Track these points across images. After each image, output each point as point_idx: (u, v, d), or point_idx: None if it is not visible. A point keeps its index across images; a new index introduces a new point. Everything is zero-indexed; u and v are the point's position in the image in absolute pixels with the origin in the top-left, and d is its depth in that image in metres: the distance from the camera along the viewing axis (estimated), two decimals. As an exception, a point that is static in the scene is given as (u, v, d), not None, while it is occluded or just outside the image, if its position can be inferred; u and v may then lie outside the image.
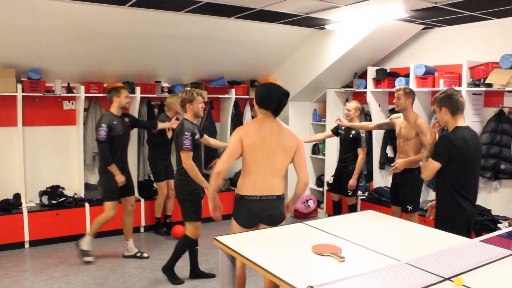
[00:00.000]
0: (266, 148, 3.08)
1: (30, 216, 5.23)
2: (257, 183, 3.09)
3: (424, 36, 5.69)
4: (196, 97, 4.08)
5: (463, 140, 3.17)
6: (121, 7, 4.54)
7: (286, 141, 3.13)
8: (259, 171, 3.09)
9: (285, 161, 3.15)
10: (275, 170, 3.12)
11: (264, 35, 5.72)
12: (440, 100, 3.30)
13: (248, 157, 3.09)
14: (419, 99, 5.44)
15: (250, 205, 3.10)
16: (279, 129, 3.14)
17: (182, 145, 3.94)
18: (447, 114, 3.27)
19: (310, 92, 6.54)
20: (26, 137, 5.56)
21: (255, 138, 3.08)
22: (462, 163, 3.20)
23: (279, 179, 3.15)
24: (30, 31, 4.68)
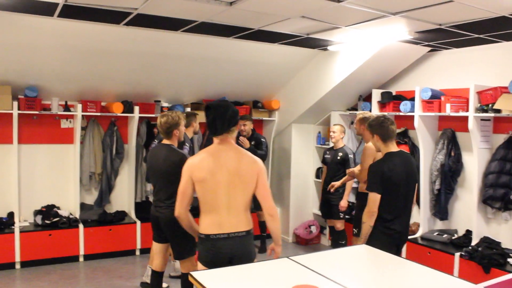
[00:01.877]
0: (224, 182, 2.73)
1: (22, 236, 5.13)
2: (221, 221, 2.76)
3: (431, 59, 5.49)
4: (181, 120, 3.84)
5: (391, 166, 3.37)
6: (116, 26, 4.47)
7: (245, 171, 2.78)
8: (220, 208, 2.76)
9: (247, 193, 2.81)
10: (239, 204, 2.78)
11: (266, 55, 5.60)
12: (371, 127, 3.49)
13: (203, 194, 2.77)
14: (425, 124, 5.22)
15: (217, 244, 2.76)
16: (235, 156, 2.79)
17: None
18: (378, 141, 3.47)
19: (314, 114, 6.37)
20: (22, 155, 5.50)
21: (207, 172, 2.73)
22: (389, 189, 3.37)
23: (245, 212, 2.83)
24: (27, 49, 4.64)
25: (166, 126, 3.74)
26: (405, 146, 5.54)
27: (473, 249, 4.60)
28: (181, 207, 2.87)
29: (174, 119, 3.75)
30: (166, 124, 3.73)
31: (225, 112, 2.75)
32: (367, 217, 3.45)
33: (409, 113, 5.28)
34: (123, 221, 5.74)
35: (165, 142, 3.81)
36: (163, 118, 3.76)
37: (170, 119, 3.74)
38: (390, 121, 3.47)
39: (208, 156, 2.78)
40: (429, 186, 5.30)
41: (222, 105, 2.80)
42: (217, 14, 3.96)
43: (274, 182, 6.93)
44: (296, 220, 6.57)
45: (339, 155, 5.30)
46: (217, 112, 2.75)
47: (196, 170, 2.75)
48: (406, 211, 3.53)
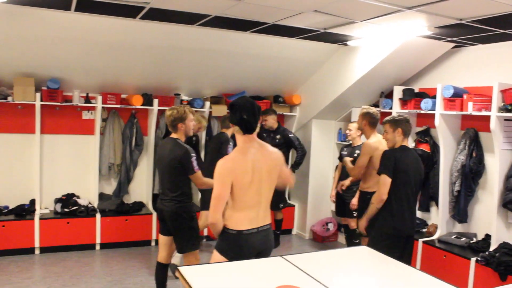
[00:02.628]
0: (256, 180, 2.76)
1: (41, 223, 5.30)
2: (253, 217, 2.80)
3: (455, 55, 5.28)
4: (188, 115, 3.83)
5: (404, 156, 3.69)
6: (133, 20, 4.52)
7: (272, 166, 2.85)
8: (252, 205, 2.80)
9: (273, 188, 2.90)
10: (267, 200, 2.87)
11: (286, 50, 5.53)
12: (397, 122, 3.80)
13: (237, 193, 2.77)
14: (447, 123, 5.04)
15: (248, 240, 2.80)
16: (262, 153, 2.84)
17: (192, 168, 3.67)
18: (400, 135, 3.76)
19: (335, 110, 6.26)
20: (45, 145, 5.67)
21: (245, 175, 2.73)
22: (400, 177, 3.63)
23: (268, 207, 2.93)
24: (48, 42, 4.76)
25: (170, 119, 3.76)
26: (426, 145, 5.37)
27: (490, 255, 4.41)
28: (217, 213, 2.77)
29: (179, 112, 3.75)
30: (171, 117, 3.76)
31: (253, 108, 2.77)
32: (376, 199, 3.69)
33: (430, 111, 5.10)
34: (139, 212, 5.83)
35: (172, 136, 3.83)
36: (169, 111, 3.79)
37: (175, 113, 3.75)
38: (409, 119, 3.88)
39: (240, 157, 2.79)
40: (449, 187, 5.11)
41: (249, 101, 2.82)
42: (229, 8, 3.93)
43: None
44: (314, 217, 6.50)
45: (356, 153, 5.18)
46: (247, 109, 2.75)
47: (232, 173, 2.73)
48: (413, 206, 3.71)
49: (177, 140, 3.78)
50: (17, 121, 5.50)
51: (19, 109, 5.45)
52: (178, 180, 3.74)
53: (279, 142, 5.82)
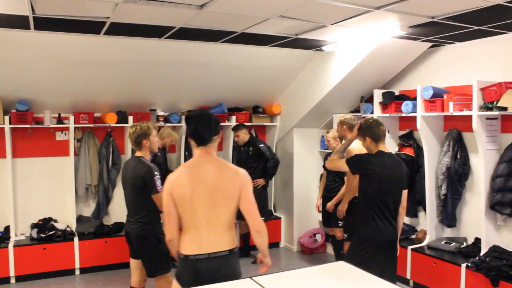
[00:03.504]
0: (204, 198, 2.55)
1: (16, 250, 5.10)
2: (201, 240, 2.57)
3: (434, 55, 5.15)
4: (152, 130, 3.64)
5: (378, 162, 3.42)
6: (98, 36, 4.38)
7: (227, 184, 2.60)
8: (200, 225, 2.57)
9: (230, 209, 2.62)
10: (221, 221, 2.59)
11: (261, 59, 5.40)
12: (363, 131, 3.52)
13: (182, 211, 2.58)
14: (429, 124, 4.89)
15: (197, 266, 2.55)
16: (216, 169, 2.62)
17: (155, 187, 3.46)
18: (371, 143, 3.49)
19: (316, 117, 6.11)
20: (18, 169, 5.50)
21: (186, 188, 2.55)
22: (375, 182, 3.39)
23: (227, 230, 2.63)
24: (13, 63, 4.63)
25: (134, 136, 3.59)
26: (410, 148, 5.22)
27: (481, 260, 4.25)
28: (170, 230, 2.61)
29: (143, 129, 3.59)
30: (134, 134, 3.58)
31: (208, 120, 2.60)
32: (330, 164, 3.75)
33: (411, 113, 4.95)
34: (120, 233, 5.63)
35: (136, 154, 3.66)
36: (131, 128, 3.63)
37: (138, 129, 3.58)
38: (379, 122, 3.54)
39: (186, 171, 2.62)
40: (435, 190, 4.95)
41: (205, 113, 2.70)
42: (191, 18, 3.79)
43: (278, 189, 6.70)
44: (301, 229, 6.31)
45: None
46: (201, 121, 2.59)
47: (175, 187, 2.57)
48: (393, 213, 3.44)
49: (141, 158, 3.61)
50: (-14, 147, 5.33)
51: (-13, 134, 5.29)
52: (142, 201, 3.55)
53: (252, 155, 5.75)
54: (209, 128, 2.58)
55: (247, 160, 5.78)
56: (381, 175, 3.37)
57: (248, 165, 5.70)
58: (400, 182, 3.48)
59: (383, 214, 3.36)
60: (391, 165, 3.46)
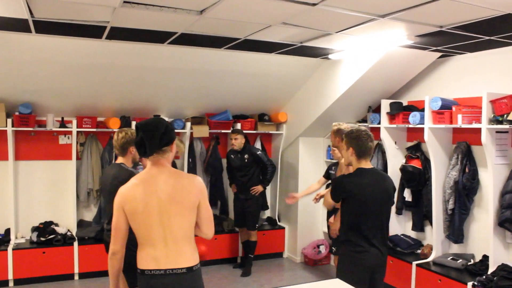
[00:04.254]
0: (157, 211, 2.39)
1: (15, 253, 5.07)
2: (157, 255, 2.41)
3: (443, 65, 5.00)
4: None
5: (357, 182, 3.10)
6: (100, 40, 4.34)
7: (183, 195, 2.43)
8: (157, 240, 2.40)
9: (188, 221, 2.45)
10: (178, 235, 2.42)
11: (268, 66, 5.31)
12: (348, 138, 3.15)
13: (136, 226, 2.42)
14: (437, 137, 4.75)
15: (151, 282, 2.41)
16: (170, 180, 2.45)
17: None
18: (352, 155, 3.14)
19: (322, 127, 5.99)
20: (20, 172, 5.49)
21: (138, 202, 2.40)
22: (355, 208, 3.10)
23: (187, 245, 2.46)
24: (16, 66, 4.62)
25: (122, 142, 3.45)
26: (417, 160, 5.06)
27: (488, 279, 4.08)
28: (115, 243, 2.45)
29: (133, 135, 3.43)
30: (123, 139, 3.44)
31: (154, 130, 2.41)
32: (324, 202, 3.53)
33: (419, 125, 4.81)
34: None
35: (118, 161, 3.52)
36: (120, 133, 3.49)
37: (128, 135, 3.45)
38: (370, 137, 3.13)
39: (138, 184, 2.46)
40: (442, 205, 4.79)
41: (151, 123, 2.47)
42: (192, 24, 3.73)
43: (283, 199, 6.56)
44: (305, 239, 6.19)
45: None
46: (145, 132, 2.42)
47: (126, 201, 2.42)
48: (378, 235, 3.13)
49: (122, 165, 3.45)
50: (-11, 149, 5.34)
51: (-10, 136, 5.29)
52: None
53: (248, 162, 5.66)
54: (151, 139, 2.40)
55: (242, 168, 5.68)
56: (360, 197, 3.07)
57: (244, 172, 5.66)
58: (385, 199, 3.18)
59: (366, 238, 3.07)
60: (372, 182, 3.13)
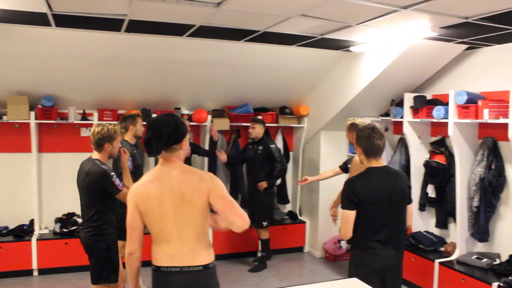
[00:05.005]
0: (172, 208, 2.36)
1: (39, 244, 5.17)
2: (173, 252, 2.39)
3: (469, 57, 4.83)
4: (117, 136, 3.50)
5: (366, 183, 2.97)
6: (119, 33, 4.35)
7: (193, 192, 2.38)
8: (172, 237, 2.38)
9: (202, 216, 2.41)
10: (193, 231, 2.40)
11: (288, 59, 5.24)
12: (357, 138, 3.08)
13: (151, 224, 2.40)
14: (462, 132, 4.59)
15: (168, 279, 2.39)
16: (181, 177, 2.40)
17: (116, 187, 3.36)
18: (361, 155, 3.07)
19: (344, 120, 5.76)
20: (44, 164, 5.58)
21: (152, 200, 2.37)
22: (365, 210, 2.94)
23: (202, 242, 2.44)
24: (38, 60, 4.67)
25: (98, 137, 3.41)
26: (441, 156, 4.92)
27: (514, 280, 3.94)
28: (131, 243, 2.41)
29: (110, 131, 3.42)
30: (99, 134, 3.40)
31: (161, 129, 2.36)
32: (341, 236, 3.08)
33: (443, 119, 4.67)
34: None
35: (93, 156, 3.49)
36: (97, 127, 3.44)
37: (104, 130, 3.40)
38: (379, 135, 3.00)
39: (151, 181, 2.43)
40: (467, 202, 4.65)
41: (159, 121, 2.41)
42: (210, 16, 3.69)
43: (304, 193, 6.52)
44: (325, 235, 6.11)
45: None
46: (153, 130, 2.38)
47: (140, 199, 2.39)
48: (393, 234, 3.01)
49: (96, 161, 3.43)
50: (13, 140, 5.44)
51: (15, 128, 5.39)
52: (95, 205, 3.40)
53: (261, 154, 5.52)
54: (161, 138, 2.35)
55: (254, 159, 5.56)
56: (371, 198, 2.94)
57: (255, 165, 5.55)
58: (398, 197, 3.05)
59: (379, 239, 2.96)
60: (384, 181, 3.00)
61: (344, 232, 3.00)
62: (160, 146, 2.37)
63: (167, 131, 2.36)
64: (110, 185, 3.35)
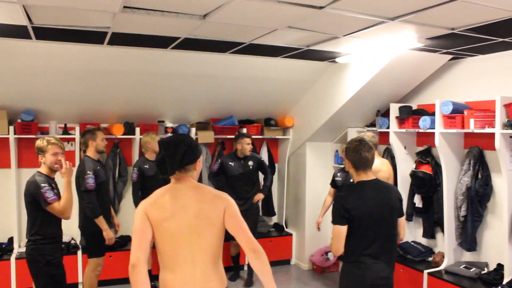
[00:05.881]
0: (186, 227, 2.22)
1: (17, 263, 4.97)
2: (185, 279, 2.22)
3: (454, 67, 4.87)
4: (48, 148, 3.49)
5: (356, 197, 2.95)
6: (102, 46, 4.26)
7: (209, 210, 2.26)
8: (183, 261, 2.22)
9: (217, 236, 2.28)
10: (207, 255, 2.25)
11: (273, 70, 5.21)
12: (346, 151, 3.09)
13: (162, 242, 2.23)
14: (448, 142, 4.61)
15: None
16: (196, 195, 2.29)
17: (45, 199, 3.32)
18: (350, 168, 3.06)
19: (330, 131, 5.88)
20: (23, 179, 5.33)
21: (167, 212, 2.23)
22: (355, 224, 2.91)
23: (215, 265, 2.29)
24: (21, 72, 4.55)
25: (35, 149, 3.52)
26: (427, 166, 4.93)
27: (503, 289, 3.94)
28: (136, 251, 2.17)
29: (40, 144, 3.48)
30: (35, 146, 3.51)
31: (175, 150, 2.27)
32: (332, 252, 3.02)
33: (429, 129, 4.68)
34: (125, 247, 5.49)
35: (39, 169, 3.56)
36: (37, 140, 3.56)
37: (37, 143, 3.51)
38: (366, 147, 2.99)
39: (164, 194, 2.29)
40: (454, 212, 4.66)
41: (172, 141, 2.32)
42: (195, 28, 3.63)
43: (290, 204, 6.47)
44: (313, 246, 6.07)
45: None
46: (167, 150, 2.28)
47: (153, 208, 2.24)
48: (384, 250, 2.97)
49: (36, 173, 3.49)
50: (-8, 156, 5.27)
51: (-6, 143, 5.22)
52: (32, 218, 3.43)
53: (252, 169, 5.42)
54: (175, 158, 2.26)
55: (245, 175, 5.38)
56: (360, 213, 2.91)
57: (246, 181, 5.40)
58: (390, 211, 3.01)
59: (370, 254, 2.92)
60: (374, 195, 2.99)
61: (336, 249, 2.95)
62: (174, 166, 2.27)
63: (181, 151, 2.27)
64: (39, 197, 3.31)
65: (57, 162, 3.48)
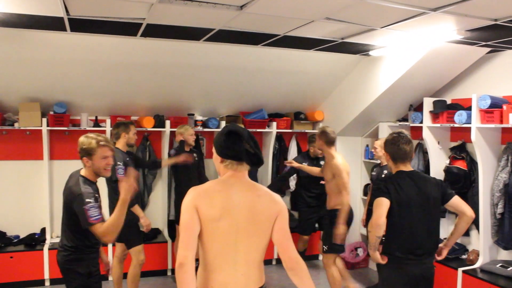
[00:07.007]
0: (236, 226, 2.07)
1: (50, 253, 5.04)
2: (226, 281, 2.10)
3: (492, 60, 4.73)
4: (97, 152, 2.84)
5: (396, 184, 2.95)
6: (135, 38, 4.26)
7: (263, 213, 2.12)
8: (227, 262, 2.09)
9: (264, 241, 2.15)
10: (252, 257, 2.14)
11: (304, 63, 5.16)
12: (385, 144, 3.11)
13: (207, 239, 2.08)
14: (485, 137, 4.48)
15: None
16: (251, 194, 2.13)
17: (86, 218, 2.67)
18: (389, 161, 3.09)
19: (361, 126, 5.79)
20: (55, 171, 5.47)
21: (218, 209, 2.05)
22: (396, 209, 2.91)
23: (258, 265, 2.17)
24: (51, 65, 4.59)
25: (78, 149, 2.90)
26: (462, 161, 4.82)
27: (543, 289, 3.83)
28: (185, 249, 2.01)
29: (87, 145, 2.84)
30: (79, 146, 2.89)
31: (253, 137, 2.15)
32: (371, 225, 2.92)
33: (465, 124, 4.57)
34: (154, 240, 5.52)
35: (82, 172, 2.95)
36: (81, 138, 2.93)
37: (84, 143, 2.86)
38: (405, 139, 3.00)
39: (219, 190, 2.12)
40: (490, 209, 4.54)
41: (246, 129, 2.17)
42: (231, 20, 3.59)
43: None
44: (342, 242, 5.98)
45: (384, 173, 4.72)
46: (249, 138, 2.11)
47: (203, 202, 2.07)
48: (426, 242, 2.93)
49: (80, 178, 2.86)
50: (25, 148, 5.34)
51: (27, 135, 5.29)
52: (74, 226, 2.84)
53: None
54: (257, 148, 2.12)
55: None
56: (400, 200, 2.89)
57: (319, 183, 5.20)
58: (432, 203, 2.96)
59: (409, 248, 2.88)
60: (415, 186, 2.95)
61: (378, 216, 2.86)
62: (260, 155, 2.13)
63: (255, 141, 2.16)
64: (80, 213, 2.71)
65: (107, 166, 2.92)
